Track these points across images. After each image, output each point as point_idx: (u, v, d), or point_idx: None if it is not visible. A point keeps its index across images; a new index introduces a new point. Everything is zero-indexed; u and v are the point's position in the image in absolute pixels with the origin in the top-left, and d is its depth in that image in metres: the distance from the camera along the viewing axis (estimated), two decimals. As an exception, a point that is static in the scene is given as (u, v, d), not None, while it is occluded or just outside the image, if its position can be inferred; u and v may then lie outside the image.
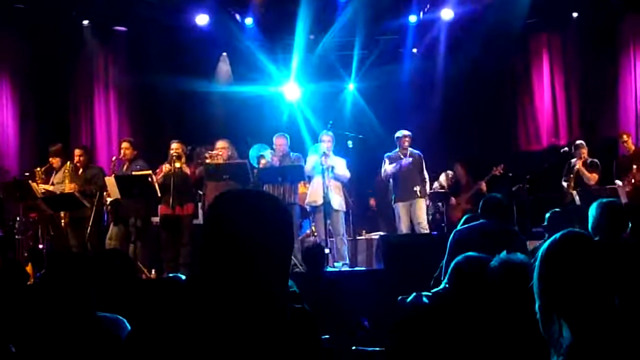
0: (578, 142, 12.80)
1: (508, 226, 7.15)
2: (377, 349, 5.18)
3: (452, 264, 4.36)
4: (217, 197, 2.30)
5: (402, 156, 11.97)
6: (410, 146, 12.07)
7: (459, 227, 7.03)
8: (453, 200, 13.66)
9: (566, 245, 2.62)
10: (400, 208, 11.87)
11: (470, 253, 4.38)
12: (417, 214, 11.78)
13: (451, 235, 7.01)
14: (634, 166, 11.89)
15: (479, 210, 7.23)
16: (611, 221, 5.69)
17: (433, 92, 15.59)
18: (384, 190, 13.75)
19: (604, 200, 5.99)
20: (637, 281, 4.18)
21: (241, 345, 2.09)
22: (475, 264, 4.21)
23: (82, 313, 3.79)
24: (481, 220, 7.10)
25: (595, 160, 12.38)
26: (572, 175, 12.27)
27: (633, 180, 11.83)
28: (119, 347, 2.24)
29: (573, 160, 12.46)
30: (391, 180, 12.15)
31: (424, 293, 4.61)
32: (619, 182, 12.02)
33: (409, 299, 4.41)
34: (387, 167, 11.99)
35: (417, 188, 11.84)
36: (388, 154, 12.14)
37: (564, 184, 12.45)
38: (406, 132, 12.10)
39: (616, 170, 12.31)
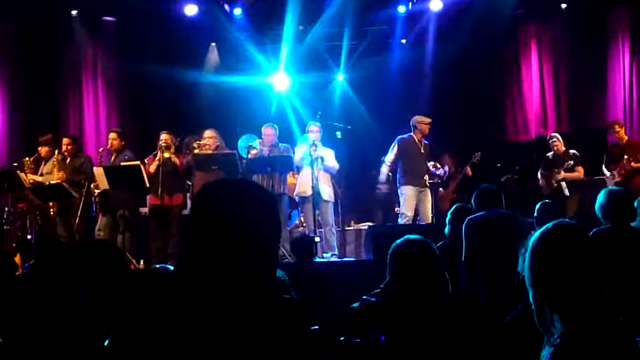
0: (551, 134, 12.89)
1: (512, 214, 7.13)
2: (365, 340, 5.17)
3: (390, 251, 4.38)
4: (205, 186, 2.31)
5: (418, 142, 11.72)
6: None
7: (471, 217, 6.91)
8: (441, 190, 13.69)
9: (557, 236, 2.61)
10: (409, 191, 11.53)
11: (408, 236, 4.40)
12: (426, 206, 11.58)
13: (465, 225, 6.89)
14: (625, 156, 11.86)
15: (475, 201, 7.18)
16: (618, 208, 5.80)
17: (422, 83, 15.59)
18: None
19: (613, 187, 6.11)
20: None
21: (230, 335, 2.09)
22: (416, 246, 4.25)
23: (71, 303, 3.78)
24: (489, 210, 7.04)
25: (574, 151, 12.40)
26: (555, 170, 12.32)
27: (623, 171, 11.82)
28: (110, 337, 2.26)
29: (549, 153, 12.54)
30: (399, 164, 11.87)
31: (370, 294, 4.59)
32: (607, 173, 12.02)
33: (356, 305, 4.40)
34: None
35: (426, 177, 11.74)
36: (401, 136, 11.86)
37: (542, 181, 12.53)
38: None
39: (607, 160, 12.30)
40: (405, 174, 11.70)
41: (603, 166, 12.23)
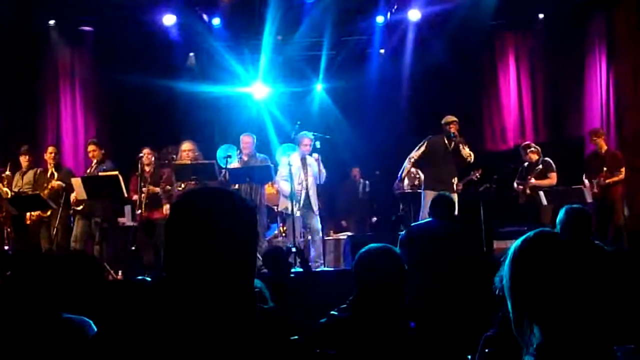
0: (524, 143, 12.90)
1: (457, 225, 7.27)
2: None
3: (354, 261, 4.33)
4: (184, 194, 2.33)
5: (447, 143, 11.54)
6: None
7: (410, 227, 7.16)
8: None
9: (537, 245, 2.62)
10: (431, 196, 11.08)
11: (371, 245, 4.37)
12: None
13: (402, 235, 7.11)
14: (604, 169, 11.90)
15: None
16: (576, 225, 5.91)
17: (400, 93, 15.66)
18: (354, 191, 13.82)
19: (573, 205, 6.23)
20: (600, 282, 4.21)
21: (210, 345, 2.07)
22: (378, 255, 4.21)
23: (48, 314, 3.75)
24: (429, 219, 7.22)
25: (548, 159, 12.39)
26: (529, 179, 12.32)
27: (601, 183, 11.83)
28: (85, 348, 2.23)
29: (525, 164, 12.54)
30: (426, 166, 11.66)
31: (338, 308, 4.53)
32: (587, 183, 12.01)
33: (323, 320, 4.36)
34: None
35: (455, 180, 11.42)
36: (432, 135, 11.73)
37: (519, 186, 12.52)
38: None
39: (586, 170, 12.33)
40: (427, 177, 11.57)
41: (584, 176, 12.24)
